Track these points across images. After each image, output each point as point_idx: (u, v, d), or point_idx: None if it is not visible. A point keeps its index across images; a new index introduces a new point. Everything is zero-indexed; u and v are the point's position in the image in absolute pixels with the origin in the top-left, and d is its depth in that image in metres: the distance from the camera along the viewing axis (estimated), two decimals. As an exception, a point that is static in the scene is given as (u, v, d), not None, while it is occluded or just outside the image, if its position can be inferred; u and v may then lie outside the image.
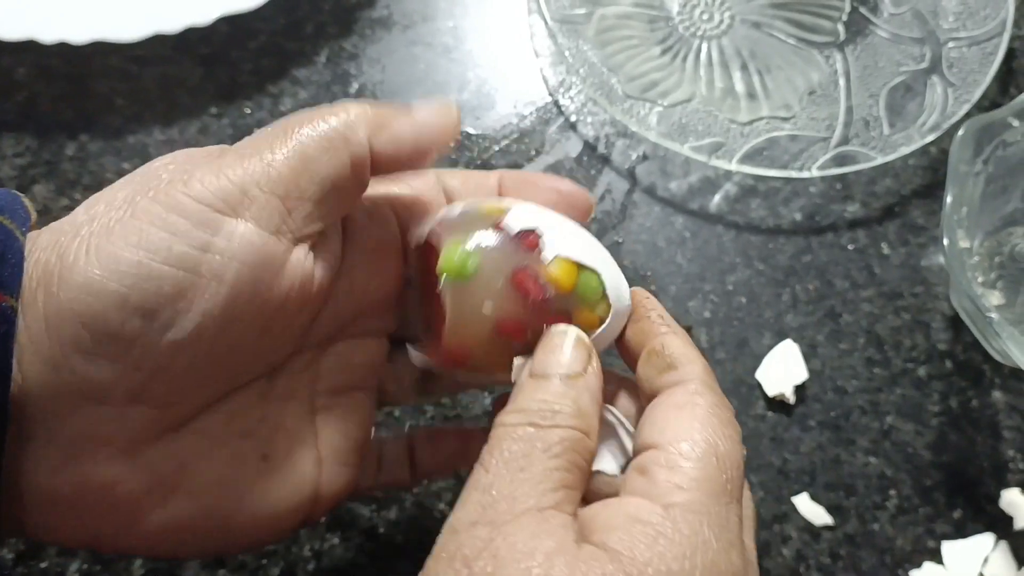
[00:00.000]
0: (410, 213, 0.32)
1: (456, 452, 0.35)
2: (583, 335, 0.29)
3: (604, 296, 0.30)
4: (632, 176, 0.51)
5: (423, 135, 0.29)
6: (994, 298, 0.45)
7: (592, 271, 0.29)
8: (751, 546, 0.28)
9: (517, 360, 0.29)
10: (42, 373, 0.25)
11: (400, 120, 0.29)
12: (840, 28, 0.55)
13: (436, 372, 0.33)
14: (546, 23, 0.52)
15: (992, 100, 0.53)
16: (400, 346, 0.33)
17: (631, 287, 0.31)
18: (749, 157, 0.49)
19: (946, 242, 0.40)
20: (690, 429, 0.27)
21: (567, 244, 0.29)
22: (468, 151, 0.51)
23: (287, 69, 0.53)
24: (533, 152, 0.51)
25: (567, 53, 0.51)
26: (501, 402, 0.29)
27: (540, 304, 0.29)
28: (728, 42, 0.55)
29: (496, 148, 0.51)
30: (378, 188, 0.31)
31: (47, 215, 0.47)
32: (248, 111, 0.51)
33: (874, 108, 0.52)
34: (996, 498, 0.43)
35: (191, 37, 0.51)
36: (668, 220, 0.49)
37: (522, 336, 0.29)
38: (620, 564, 0.24)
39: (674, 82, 0.53)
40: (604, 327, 0.30)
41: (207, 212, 0.25)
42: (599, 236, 0.48)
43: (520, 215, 0.29)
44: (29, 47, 0.48)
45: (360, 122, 0.28)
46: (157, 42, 0.49)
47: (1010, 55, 0.54)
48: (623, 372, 0.31)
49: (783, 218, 0.50)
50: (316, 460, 0.31)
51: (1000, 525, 0.43)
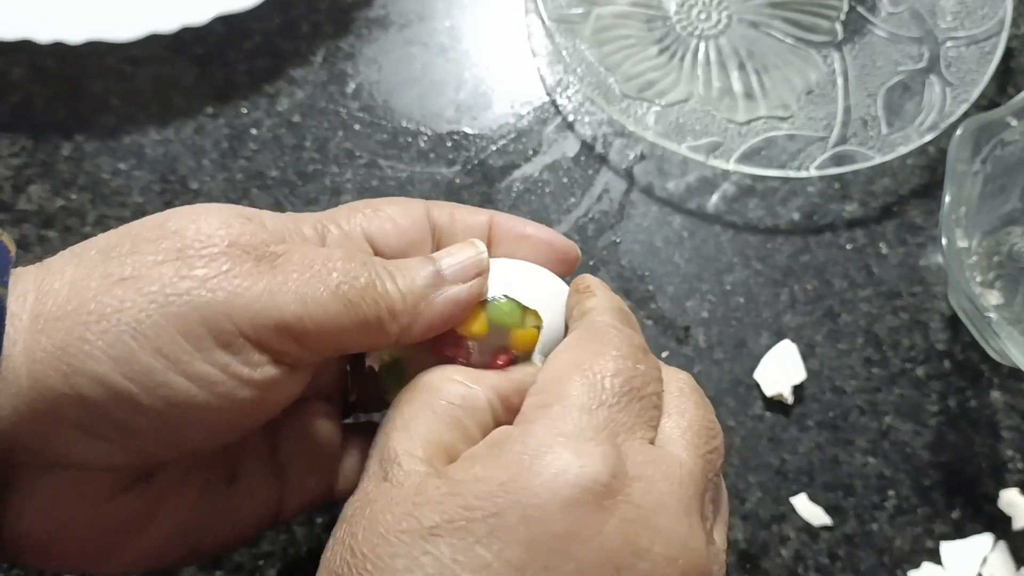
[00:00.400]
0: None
1: None
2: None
3: (522, 308, 0.30)
4: (630, 176, 0.50)
5: (453, 316, 0.30)
6: (992, 298, 0.45)
7: (496, 300, 0.30)
8: (678, 447, 0.27)
9: None
10: (33, 437, 0.25)
11: (434, 305, 0.29)
12: (838, 27, 0.55)
13: None
14: (543, 22, 0.52)
15: (990, 99, 0.53)
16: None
17: (632, 298, 0.32)
18: (747, 157, 0.49)
19: (944, 242, 0.40)
20: (564, 358, 0.27)
21: None
22: (465, 151, 0.51)
23: (283, 69, 0.52)
24: (530, 152, 0.51)
25: (564, 52, 0.51)
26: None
27: (474, 360, 0.30)
28: (726, 41, 0.55)
29: (493, 148, 0.51)
30: (362, 222, 0.31)
31: (42, 215, 0.47)
32: (244, 111, 0.51)
33: (872, 107, 0.52)
34: (995, 498, 0.43)
35: (186, 37, 0.51)
36: (666, 220, 0.49)
37: None
38: (451, 489, 0.24)
39: (671, 82, 0.53)
40: (544, 330, 0.30)
41: (237, 336, 0.26)
42: (597, 236, 0.48)
43: None
44: (24, 47, 0.48)
45: (401, 315, 0.28)
46: (152, 42, 0.49)
47: (1008, 54, 0.54)
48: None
49: (781, 218, 0.50)
50: (278, 472, 0.31)
51: (999, 525, 0.42)
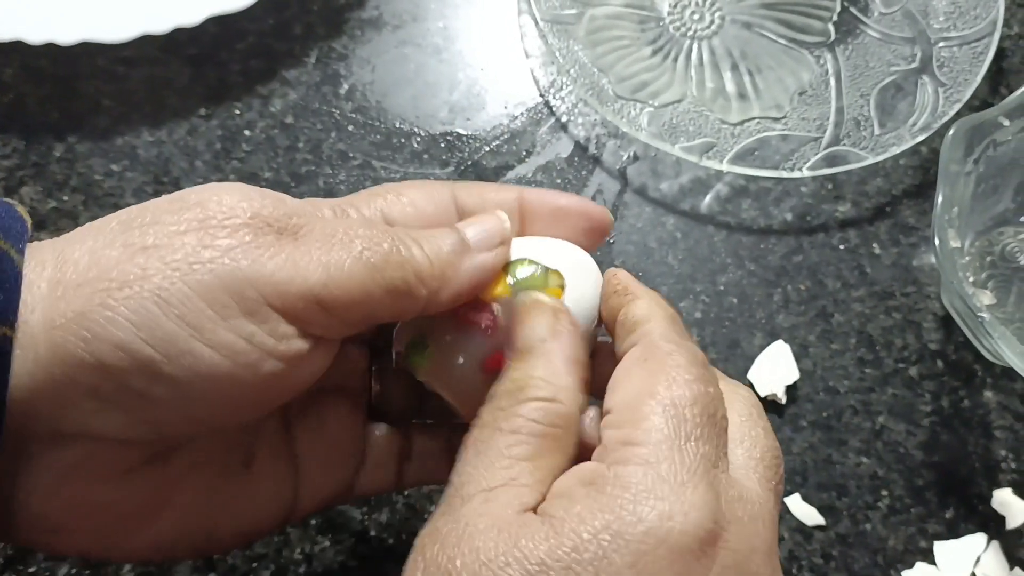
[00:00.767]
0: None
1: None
2: (543, 297, 0.29)
3: (544, 268, 0.30)
4: (623, 177, 0.51)
5: (480, 283, 0.29)
6: (985, 298, 0.45)
7: (518, 261, 0.30)
8: (752, 481, 0.27)
9: None
10: (49, 406, 0.24)
11: (461, 272, 0.28)
12: (830, 28, 0.55)
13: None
14: (536, 23, 0.52)
15: (982, 100, 0.53)
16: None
17: (612, 271, 0.31)
18: (740, 157, 0.49)
19: (937, 242, 0.40)
20: (639, 385, 0.26)
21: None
22: (458, 152, 0.51)
23: (276, 70, 0.52)
24: (524, 153, 0.51)
25: (558, 53, 0.51)
26: None
27: (499, 323, 0.29)
28: (719, 42, 0.55)
29: (487, 149, 0.51)
30: (383, 206, 0.31)
31: (34, 216, 0.47)
32: (238, 112, 0.51)
33: (865, 108, 0.52)
34: (988, 498, 0.43)
35: (179, 38, 0.50)
36: (659, 221, 0.49)
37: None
38: (552, 527, 0.23)
39: (665, 82, 0.53)
40: (568, 291, 0.30)
41: (262, 305, 0.25)
42: (590, 237, 0.48)
43: None
44: (16, 48, 0.48)
45: (428, 279, 0.28)
46: (145, 43, 0.49)
47: (1000, 55, 0.54)
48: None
49: (774, 218, 0.50)
50: (294, 463, 0.31)
51: (992, 525, 0.43)
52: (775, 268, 0.48)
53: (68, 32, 0.48)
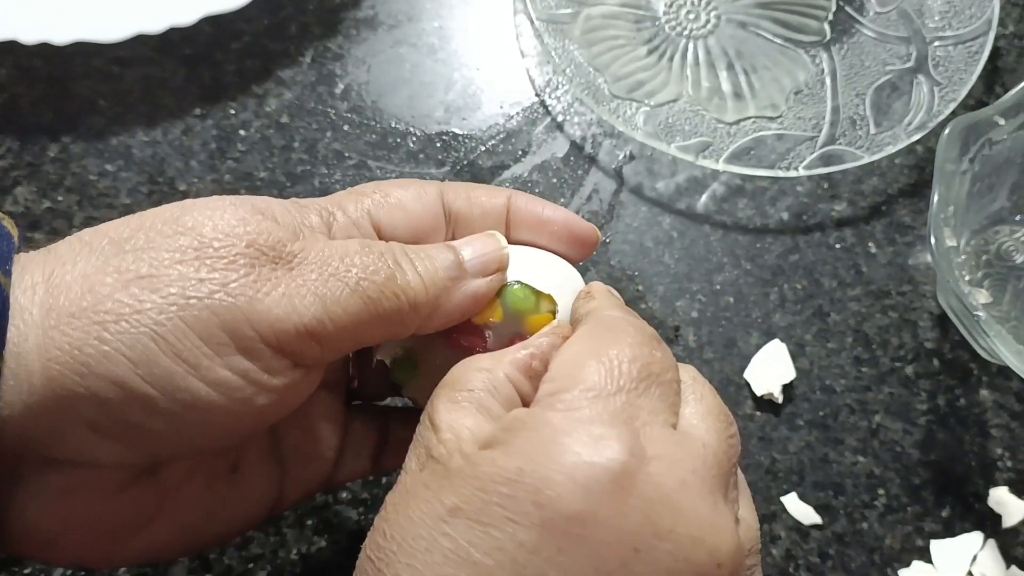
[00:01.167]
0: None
1: None
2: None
3: (536, 293, 0.30)
4: (619, 176, 0.50)
5: (472, 309, 0.29)
6: (981, 296, 0.45)
7: (510, 286, 0.30)
8: (699, 430, 0.26)
9: None
10: (45, 435, 0.24)
11: (454, 297, 0.29)
12: (826, 27, 0.55)
13: None
14: (532, 23, 0.52)
15: (978, 99, 0.53)
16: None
17: (610, 286, 0.32)
18: (736, 157, 0.49)
19: (933, 241, 0.40)
20: (577, 348, 0.27)
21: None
22: (454, 151, 0.51)
23: (271, 70, 0.52)
24: (520, 152, 0.51)
25: (553, 53, 0.51)
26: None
27: (490, 347, 0.30)
28: (714, 42, 0.55)
29: (482, 148, 0.51)
30: (369, 207, 0.31)
31: (29, 217, 0.47)
32: (232, 112, 0.51)
33: (860, 107, 0.52)
34: (984, 496, 0.43)
35: (174, 38, 0.50)
36: (655, 220, 0.49)
37: None
38: (473, 474, 0.24)
39: (661, 82, 0.53)
40: (559, 314, 0.30)
41: (257, 342, 0.25)
42: (586, 236, 0.48)
43: None
44: (10, 48, 0.48)
45: (422, 307, 0.28)
46: (139, 43, 0.49)
47: (995, 54, 0.54)
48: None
49: (770, 217, 0.50)
50: (280, 463, 0.31)
51: (988, 523, 0.43)
52: (771, 267, 0.48)
53: (62, 32, 0.48)
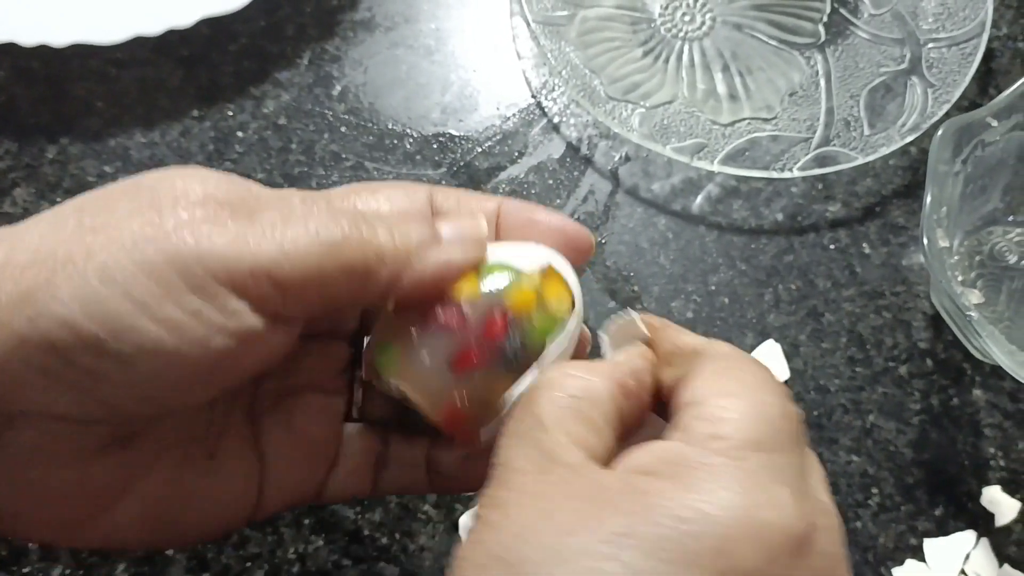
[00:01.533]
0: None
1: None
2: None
3: (514, 269, 0.29)
4: (615, 177, 0.51)
5: (446, 276, 0.29)
6: (974, 297, 0.45)
7: (492, 265, 0.29)
8: (824, 497, 0.26)
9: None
10: (0, 385, 0.24)
11: (427, 260, 0.28)
12: (820, 29, 0.56)
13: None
14: (528, 25, 0.52)
15: (971, 100, 0.53)
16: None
17: (617, 299, 0.32)
18: (731, 158, 0.50)
19: (926, 242, 0.41)
20: (729, 387, 0.26)
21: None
22: (451, 153, 0.51)
23: (269, 71, 0.52)
24: (516, 154, 0.51)
25: (549, 55, 0.52)
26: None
27: (469, 324, 0.29)
28: (710, 44, 0.55)
29: (479, 150, 0.51)
30: (357, 202, 0.30)
31: (27, 218, 0.47)
32: (230, 113, 0.51)
33: (854, 109, 0.52)
34: (977, 495, 0.43)
35: (171, 39, 0.51)
36: (651, 221, 0.49)
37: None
38: (638, 500, 0.23)
39: (656, 84, 0.53)
40: (574, 315, 0.30)
41: (209, 281, 0.25)
42: (582, 237, 0.48)
43: None
44: (8, 49, 0.48)
45: (390, 260, 0.27)
46: (137, 44, 0.49)
47: (989, 55, 0.54)
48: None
49: (765, 218, 0.50)
50: (260, 459, 0.31)
51: (981, 522, 0.43)
52: (766, 268, 0.48)
53: (60, 34, 0.48)
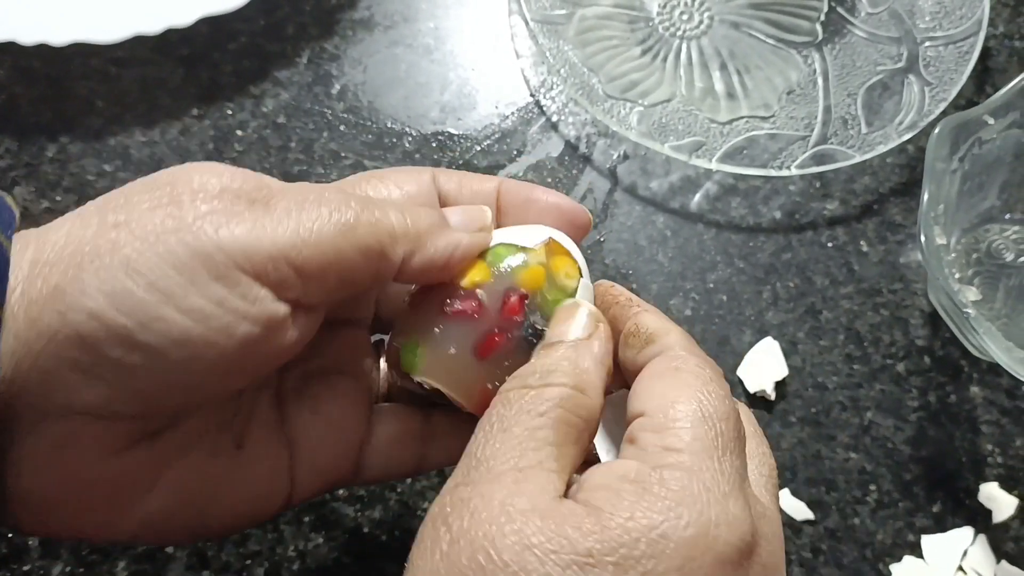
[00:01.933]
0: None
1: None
2: (591, 307, 0.30)
3: (521, 248, 0.30)
4: (613, 175, 0.51)
5: (454, 258, 0.30)
6: (971, 294, 0.45)
7: (497, 246, 0.30)
8: (766, 499, 0.27)
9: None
10: (33, 382, 0.25)
11: (438, 242, 0.29)
12: (818, 28, 0.56)
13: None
14: (527, 24, 0.52)
15: (968, 98, 0.53)
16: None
17: (607, 283, 0.32)
18: (729, 156, 0.50)
19: (923, 239, 0.41)
20: (674, 393, 0.27)
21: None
22: (450, 151, 0.51)
23: (268, 70, 0.53)
24: (515, 152, 0.51)
25: (548, 53, 0.52)
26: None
27: (485, 308, 0.29)
28: (707, 42, 0.55)
29: (477, 148, 0.51)
30: (367, 190, 0.31)
31: (27, 218, 0.47)
32: (230, 112, 0.51)
33: (852, 107, 0.52)
34: (975, 492, 0.44)
35: (171, 38, 0.51)
36: (649, 219, 0.50)
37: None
38: (599, 519, 0.23)
39: (654, 82, 0.53)
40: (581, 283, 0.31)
41: (231, 269, 0.25)
42: (581, 235, 0.49)
43: None
44: (9, 48, 0.48)
45: (402, 240, 0.28)
46: (137, 43, 0.49)
47: (986, 54, 0.54)
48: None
49: (763, 216, 0.50)
50: (288, 446, 0.31)
51: (979, 519, 0.43)
52: (764, 266, 0.49)
53: (60, 33, 0.48)
